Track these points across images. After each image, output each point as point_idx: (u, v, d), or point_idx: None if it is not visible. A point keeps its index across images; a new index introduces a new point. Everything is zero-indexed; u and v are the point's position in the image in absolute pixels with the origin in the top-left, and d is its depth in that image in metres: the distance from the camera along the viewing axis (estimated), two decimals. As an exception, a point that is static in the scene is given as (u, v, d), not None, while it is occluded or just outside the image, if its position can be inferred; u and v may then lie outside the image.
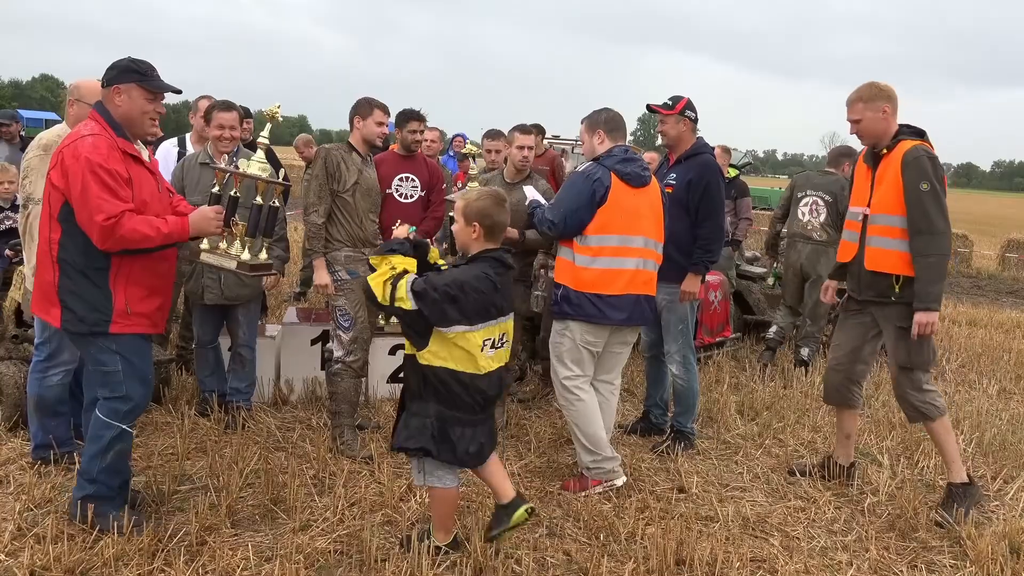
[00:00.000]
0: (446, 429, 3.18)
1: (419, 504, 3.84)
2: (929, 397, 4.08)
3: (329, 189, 4.39)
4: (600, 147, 4.17)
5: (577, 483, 4.17)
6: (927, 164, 3.88)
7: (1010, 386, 6.80)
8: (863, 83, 4.15)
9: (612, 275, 4.03)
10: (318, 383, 5.29)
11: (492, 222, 3.20)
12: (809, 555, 3.63)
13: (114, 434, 3.35)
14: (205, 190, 4.52)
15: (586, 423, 4.10)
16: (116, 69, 3.32)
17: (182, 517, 3.57)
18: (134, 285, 3.32)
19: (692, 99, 4.70)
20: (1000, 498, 4.36)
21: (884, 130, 4.07)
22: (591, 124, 4.22)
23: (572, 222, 4.00)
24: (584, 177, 4.04)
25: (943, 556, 3.70)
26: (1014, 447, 5.12)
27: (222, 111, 4.58)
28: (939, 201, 3.88)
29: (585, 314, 4.03)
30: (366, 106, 4.50)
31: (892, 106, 4.06)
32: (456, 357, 3.15)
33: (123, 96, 3.31)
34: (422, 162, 5.70)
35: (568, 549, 3.54)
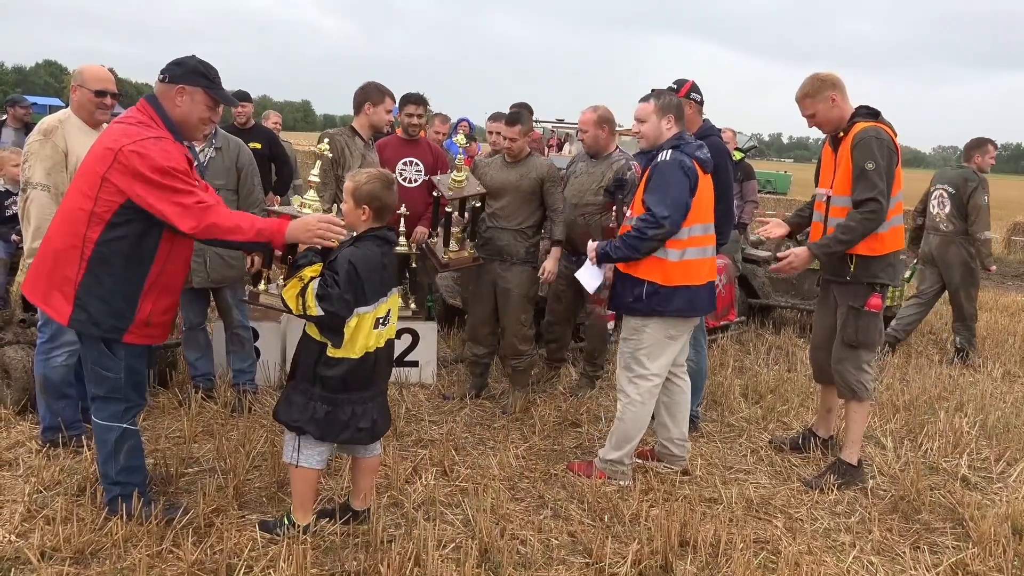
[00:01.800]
0: (336, 411, 3.20)
1: (424, 486, 3.87)
2: (866, 378, 4.21)
3: (334, 175, 4.39)
4: (668, 132, 4.01)
5: (584, 468, 4.17)
6: (873, 144, 3.95)
7: (1015, 369, 6.79)
8: (805, 79, 4.23)
9: (698, 265, 3.97)
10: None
11: (381, 204, 3.23)
12: (812, 536, 3.66)
13: (117, 435, 3.30)
14: None
15: (636, 427, 4.06)
16: (183, 68, 3.20)
17: (190, 499, 3.60)
18: (163, 296, 3.27)
19: (697, 83, 4.68)
20: (1003, 480, 4.38)
21: (839, 116, 4.15)
22: (663, 107, 4.00)
23: (679, 216, 3.85)
24: (678, 167, 3.86)
25: (946, 537, 3.72)
26: (1018, 430, 5.13)
27: None
28: (882, 177, 3.93)
29: (675, 308, 3.94)
30: (378, 93, 4.48)
31: (839, 92, 4.13)
32: (354, 343, 3.17)
33: (186, 98, 3.19)
34: (426, 146, 5.69)
35: (573, 530, 3.57)
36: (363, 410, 3.25)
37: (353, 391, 3.22)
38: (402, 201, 5.29)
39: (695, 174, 3.90)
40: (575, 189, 5.13)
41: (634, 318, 4.02)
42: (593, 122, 5.09)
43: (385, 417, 3.40)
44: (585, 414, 4.97)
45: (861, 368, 4.19)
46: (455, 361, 5.99)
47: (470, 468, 4.14)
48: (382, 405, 3.38)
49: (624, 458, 4.07)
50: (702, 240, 3.99)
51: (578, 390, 5.43)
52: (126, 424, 3.33)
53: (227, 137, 4.76)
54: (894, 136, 4.06)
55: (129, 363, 3.28)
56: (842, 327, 4.20)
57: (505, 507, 3.71)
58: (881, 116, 4.12)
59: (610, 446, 4.11)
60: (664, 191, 3.84)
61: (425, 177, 5.59)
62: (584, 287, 4.27)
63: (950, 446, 4.76)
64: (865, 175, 3.94)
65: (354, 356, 3.18)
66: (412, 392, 5.28)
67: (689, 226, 3.90)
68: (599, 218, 5.09)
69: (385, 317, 3.28)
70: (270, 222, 3.16)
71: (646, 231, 3.82)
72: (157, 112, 3.18)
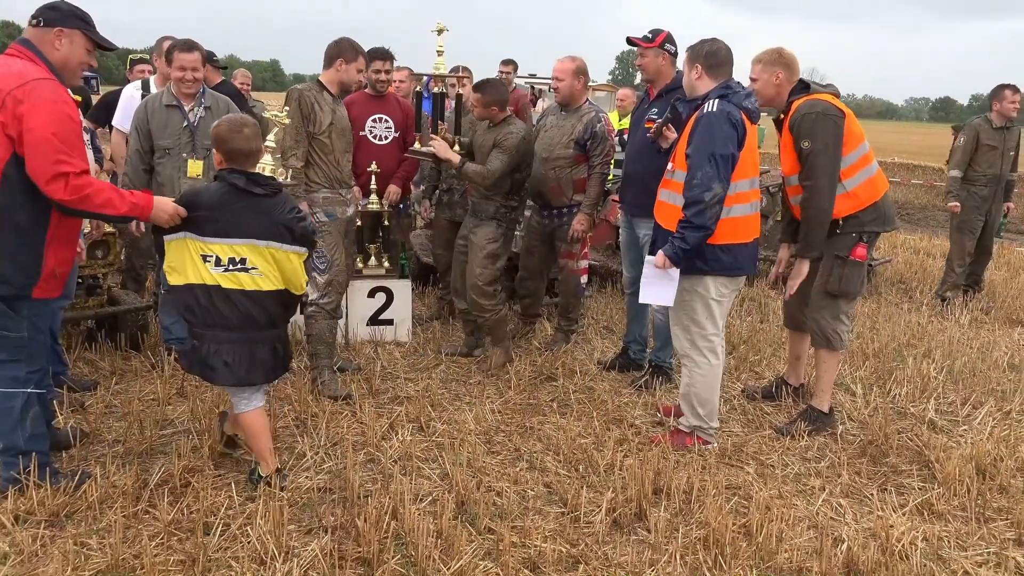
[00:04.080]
0: (199, 346, 3.27)
1: (400, 442, 3.89)
2: (842, 328, 4.24)
3: (306, 131, 4.32)
4: (698, 83, 3.87)
5: (673, 438, 4.06)
6: (808, 122, 3.97)
7: (981, 316, 6.92)
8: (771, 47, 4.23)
9: (745, 222, 3.83)
10: (297, 327, 5.28)
11: (228, 148, 3.26)
12: (783, 481, 3.73)
13: (23, 401, 3.19)
14: (174, 132, 4.45)
15: (708, 388, 3.96)
16: (59, 11, 3.13)
17: (165, 460, 3.60)
18: (64, 247, 3.19)
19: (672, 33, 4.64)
20: (968, 423, 4.48)
21: (774, 95, 4.18)
22: (692, 56, 3.89)
23: (728, 172, 3.67)
24: (726, 118, 3.67)
25: (912, 479, 3.81)
26: (983, 374, 5.24)
27: (183, 51, 4.43)
28: (820, 157, 3.96)
29: (723, 267, 3.81)
30: (352, 51, 4.38)
31: (787, 74, 4.15)
32: (183, 270, 3.24)
33: (65, 40, 3.11)
34: (395, 102, 5.61)
35: (548, 481, 3.62)
36: (217, 349, 3.25)
37: (206, 327, 3.25)
38: (372, 158, 5.30)
39: (743, 126, 3.72)
40: (545, 143, 5.08)
41: (683, 279, 3.83)
42: (571, 72, 5.04)
43: (250, 369, 3.31)
44: (560, 368, 5.00)
45: (839, 318, 4.22)
46: (430, 319, 5.99)
47: (446, 423, 4.17)
48: (246, 354, 3.29)
49: (707, 418, 4.00)
50: (748, 196, 3.83)
51: (553, 344, 5.45)
52: (30, 388, 3.22)
53: (216, 96, 4.66)
54: (833, 100, 4.06)
55: (33, 321, 3.20)
56: (825, 276, 4.19)
57: (481, 460, 3.74)
58: (813, 87, 4.15)
59: (690, 413, 4.03)
60: (710, 144, 3.65)
61: (395, 134, 5.52)
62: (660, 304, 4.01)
63: (918, 391, 4.86)
64: (802, 157, 4.00)
65: (180, 283, 3.24)
66: (387, 350, 5.28)
67: (736, 181, 3.73)
68: (569, 171, 5.07)
69: (232, 261, 3.24)
70: (140, 198, 3.15)
71: (702, 197, 3.62)
72: (40, 58, 3.06)
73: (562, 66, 5.06)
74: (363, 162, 5.25)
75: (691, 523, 3.32)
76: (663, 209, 3.94)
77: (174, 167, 4.48)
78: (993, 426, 4.37)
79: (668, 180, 3.94)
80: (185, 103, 4.49)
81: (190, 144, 4.48)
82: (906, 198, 17.28)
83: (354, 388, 4.54)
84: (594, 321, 6.15)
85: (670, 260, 3.72)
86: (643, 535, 3.25)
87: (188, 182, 4.41)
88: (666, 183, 3.95)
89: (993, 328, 6.56)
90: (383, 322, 5.50)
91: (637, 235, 4.80)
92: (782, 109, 4.18)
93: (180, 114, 4.48)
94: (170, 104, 4.49)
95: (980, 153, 7.03)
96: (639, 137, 4.72)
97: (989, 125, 7.03)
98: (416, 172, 5.90)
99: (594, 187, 5.07)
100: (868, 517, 3.44)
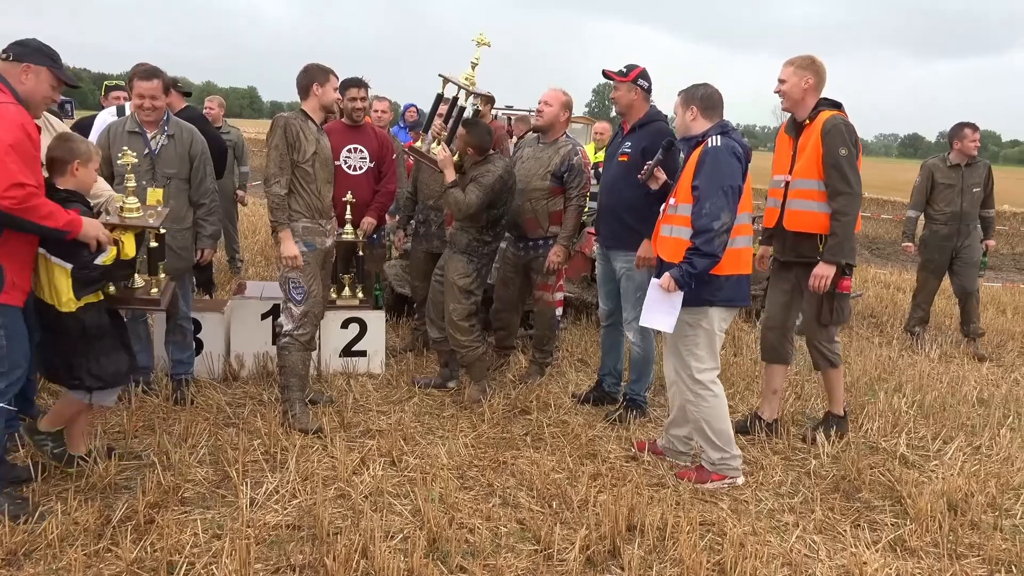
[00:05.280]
0: None
1: (371, 477, 3.83)
2: (837, 348, 4.62)
3: (290, 159, 4.30)
4: (693, 124, 3.95)
5: (697, 474, 4.05)
6: (844, 131, 4.21)
7: (951, 350, 7.00)
8: (805, 53, 4.43)
9: (746, 253, 3.93)
10: (269, 358, 5.23)
11: (50, 155, 3.41)
12: (757, 517, 3.72)
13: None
14: None
15: (719, 419, 3.97)
16: (28, 47, 3.31)
17: (129, 496, 3.51)
18: (19, 255, 3.24)
19: (648, 70, 4.70)
20: (939, 458, 4.50)
21: (801, 99, 4.37)
22: (687, 98, 3.98)
23: (736, 202, 3.76)
24: (731, 151, 3.79)
25: (885, 515, 3.81)
26: (953, 409, 5.28)
27: (141, 79, 4.38)
28: (854, 165, 4.22)
29: (726, 298, 3.88)
30: (322, 73, 4.38)
31: (817, 81, 4.35)
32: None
33: (31, 75, 3.29)
34: (371, 132, 5.60)
35: (521, 518, 3.57)
36: None
37: None
38: (347, 188, 5.28)
39: (746, 160, 3.84)
40: (522, 174, 5.10)
41: (685, 311, 3.86)
42: (560, 102, 5.10)
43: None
44: (535, 401, 4.97)
45: (832, 340, 4.58)
46: (404, 350, 5.94)
47: (419, 458, 4.11)
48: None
49: (728, 449, 3.99)
50: (747, 228, 3.93)
51: (527, 377, 5.43)
52: (3, 403, 3.26)
53: (180, 124, 4.61)
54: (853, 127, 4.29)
55: (9, 327, 3.21)
56: (817, 309, 4.45)
57: (454, 496, 3.69)
58: (843, 107, 4.34)
59: (709, 447, 4.00)
60: (719, 177, 3.73)
61: (370, 164, 5.51)
62: (659, 329, 3.98)
63: (889, 426, 4.89)
64: (840, 164, 4.17)
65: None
66: (360, 382, 5.22)
67: (739, 213, 3.83)
68: (546, 203, 5.09)
69: None
70: (75, 216, 3.24)
71: (711, 225, 3.68)
72: (5, 85, 3.21)
73: (554, 94, 5.11)
74: (338, 192, 5.21)
75: (665, 561, 3.29)
76: (666, 244, 3.95)
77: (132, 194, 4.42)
78: (963, 461, 4.40)
79: (670, 215, 3.95)
80: (148, 130, 4.44)
81: (150, 172, 4.42)
82: (876, 232, 17.55)
83: (325, 421, 4.48)
84: (569, 353, 6.13)
85: (676, 283, 3.75)
86: (617, 573, 3.22)
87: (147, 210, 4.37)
88: (668, 218, 3.98)
89: (962, 363, 6.64)
90: (356, 353, 5.45)
91: (613, 267, 4.81)
92: (805, 116, 4.35)
93: (142, 141, 4.42)
94: (133, 130, 4.44)
95: (936, 192, 7.09)
96: (613, 170, 4.76)
97: (944, 164, 7.09)
98: (391, 203, 5.88)
99: (571, 219, 5.09)
100: (842, 554, 3.43)
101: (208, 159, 4.70)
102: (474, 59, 4.85)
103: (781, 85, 4.40)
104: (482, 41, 4.82)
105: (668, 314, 3.83)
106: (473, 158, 4.80)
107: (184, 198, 4.57)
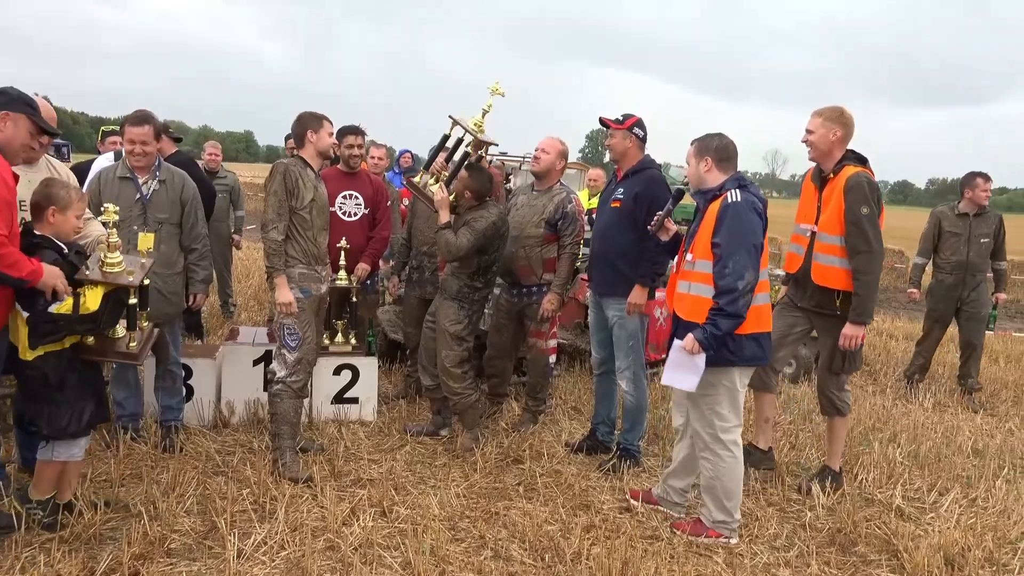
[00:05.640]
0: None
1: (361, 528, 3.77)
2: (846, 396, 4.68)
3: (288, 206, 4.32)
4: (708, 175, 3.88)
5: (693, 527, 3.99)
6: (867, 189, 4.23)
7: (944, 399, 6.99)
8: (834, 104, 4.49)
9: (765, 311, 3.85)
10: (260, 405, 5.18)
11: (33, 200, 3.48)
12: (752, 571, 3.67)
13: None
14: (126, 204, 4.40)
15: (733, 480, 3.88)
16: (7, 96, 3.38)
17: (114, 547, 3.45)
18: None
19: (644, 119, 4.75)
20: (935, 510, 4.46)
21: (828, 150, 4.40)
22: (701, 149, 3.91)
23: (758, 259, 3.69)
24: (751, 208, 3.71)
25: (881, 570, 3.76)
26: (948, 459, 5.25)
27: (132, 125, 4.40)
28: (875, 224, 4.23)
29: (748, 357, 3.79)
30: (315, 120, 4.42)
31: (844, 133, 4.38)
32: None
33: (10, 123, 3.34)
34: (366, 179, 5.65)
35: (513, 571, 3.51)
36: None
37: None
38: (342, 234, 5.29)
39: (765, 216, 3.77)
40: (516, 221, 5.13)
41: (708, 371, 3.74)
42: (557, 150, 5.15)
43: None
44: (527, 450, 4.92)
45: (842, 388, 4.62)
46: (396, 397, 5.91)
47: (410, 508, 4.06)
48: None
49: (733, 512, 3.91)
50: (765, 284, 3.85)
51: (520, 425, 5.39)
52: None
53: (171, 169, 4.63)
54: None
55: None
56: (829, 358, 4.55)
57: (445, 548, 3.63)
58: (868, 163, 4.38)
59: (714, 507, 3.91)
60: (741, 235, 3.65)
61: (365, 211, 5.53)
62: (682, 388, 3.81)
63: (884, 477, 4.85)
64: (860, 223, 4.20)
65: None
66: (352, 429, 5.17)
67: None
68: (539, 251, 5.11)
69: None
70: (37, 265, 3.24)
71: (736, 285, 3.59)
72: None
73: (551, 142, 5.16)
74: (332, 238, 5.23)
75: (659, 617, 3.23)
76: (684, 301, 3.87)
77: (123, 239, 4.42)
78: (960, 513, 4.37)
79: (687, 271, 3.86)
80: (139, 175, 4.46)
81: (141, 217, 4.43)
82: (868, 279, 17.56)
83: (316, 470, 4.42)
84: (562, 401, 6.10)
85: (700, 344, 3.64)
86: (610, 629, 3.16)
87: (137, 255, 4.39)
88: (685, 274, 3.88)
89: (956, 412, 6.63)
90: (348, 400, 5.41)
91: (606, 315, 4.81)
92: (831, 168, 4.39)
93: (133, 186, 4.44)
94: (124, 176, 4.46)
95: (943, 240, 7.07)
96: (606, 216, 4.79)
97: (952, 212, 7.06)
98: (386, 249, 5.90)
99: (564, 267, 5.10)
100: (838, 610, 3.38)
101: (199, 204, 4.71)
102: (486, 106, 4.86)
103: (809, 135, 4.42)
104: (496, 90, 4.84)
105: (692, 374, 3.72)
106: (469, 202, 4.82)
107: (175, 243, 4.58)
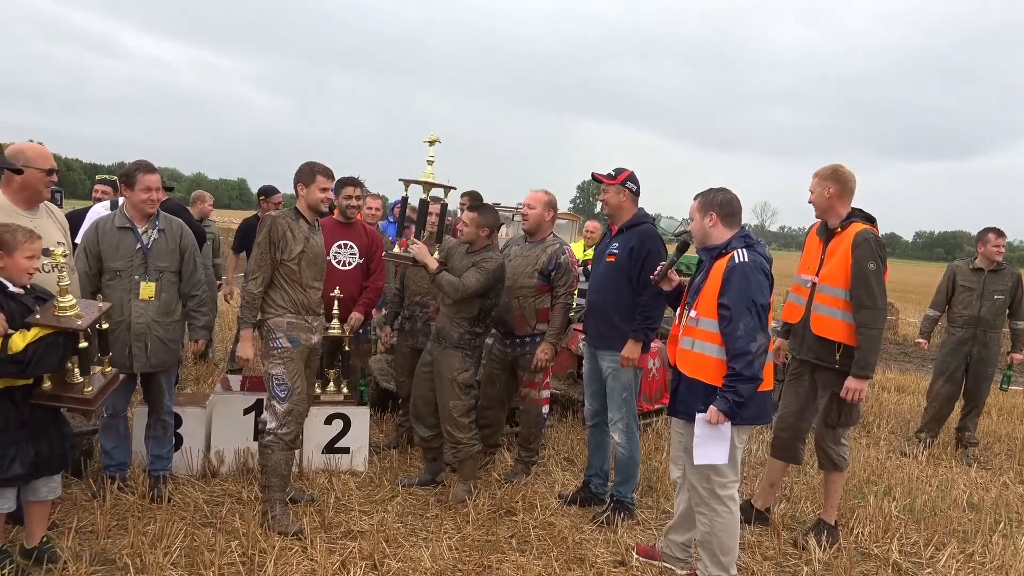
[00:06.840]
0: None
1: (353, 582, 3.70)
2: (844, 451, 4.65)
3: (271, 258, 4.33)
4: (713, 230, 3.83)
5: None
6: (874, 246, 4.34)
7: (938, 452, 6.97)
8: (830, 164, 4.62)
9: (769, 370, 3.82)
10: (250, 454, 5.12)
11: None
12: (749, 628, 3.61)
13: None
14: (126, 254, 4.42)
15: (730, 536, 3.82)
16: None
17: (98, 601, 3.37)
18: None
19: (636, 173, 4.82)
20: (932, 565, 4.42)
21: (827, 207, 4.54)
22: (705, 204, 3.85)
23: (766, 319, 3.64)
24: (759, 268, 3.67)
25: (880, 626, 3.71)
26: (944, 513, 5.22)
27: (147, 173, 4.44)
28: (881, 280, 4.33)
29: (750, 417, 3.71)
30: (308, 173, 4.46)
31: (839, 188, 4.50)
32: None
33: None
34: (361, 229, 5.68)
35: (507, 627, 3.45)
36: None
37: None
38: (336, 284, 5.30)
39: (771, 276, 3.77)
40: (510, 272, 5.14)
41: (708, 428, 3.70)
42: (543, 203, 5.19)
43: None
44: (520, 501, 4.87)
45: (840, 443, 4.61)
46: (388, 447, 5.85)
47: (401, 561, 3.99)
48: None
49: (729, 567, 3.83)
50: (771, 343, 3.83)
51: (513, 476, 5.34)
52: None
53: (169, 218, 4.65)
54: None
55: None
56: (825, 411, 4.57)
57: (437, 603, 3.56)
58: (875, 222, 4.51)
59: (711, 562, 3.83)
60: (750, 297, 3.59)
61: (359, 260, 5.56)
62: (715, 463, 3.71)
63: (880, 531, 4.81)
64: (866, 277, 4.28)
65: None
66: (342, 480, 5.11)
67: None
68: (533, 301, 5.12)
69: None
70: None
71: (749, 348, 3.54)
72: None
73: (536, 196, 5.21)
74: (326, 287, 5.24)
75: (656, 675, 3.17)
76: (688, 358, 3.80)
77: (124, 289, 4.43)
78: (957, 569, 4.33)
79: (691, 328, 3.80)
80: (139, 224, 4.48)
81: (143, 266, 4.45)
82: (858, 330, 17.62)
83: (306, 521, 4.35)
84: (555, 452, 6.05)
85: (724, 415, 3.57)
86: None
87: (140, 304, 4.40)
88: (689, 331, 3.81)
89: (951, 465, 6.60)
90: (339, 450, 5.35)
91: (600, 367, 4.81)
92: (837, 223, 4.49)
93: (133, 236, 4.46)
94: (123, 226, 4.47)
95: (957, 294, 7.08)
96: (601, 270, 4.82)
97: (967, 266, 7.08)
98: (379, 298, 5.90)
99: (558, 317, 5.11)
100: (837, 668, 3.32)
101: (197, 251, 4.74)
102: (429, 156, 4.91)
103: (810, 195, 4.60)
104: (433, 139, 4.93)
105: (720, 445, 3.65)
106: (483, 241, 4.87)
107: (175, 291, 4.59)
